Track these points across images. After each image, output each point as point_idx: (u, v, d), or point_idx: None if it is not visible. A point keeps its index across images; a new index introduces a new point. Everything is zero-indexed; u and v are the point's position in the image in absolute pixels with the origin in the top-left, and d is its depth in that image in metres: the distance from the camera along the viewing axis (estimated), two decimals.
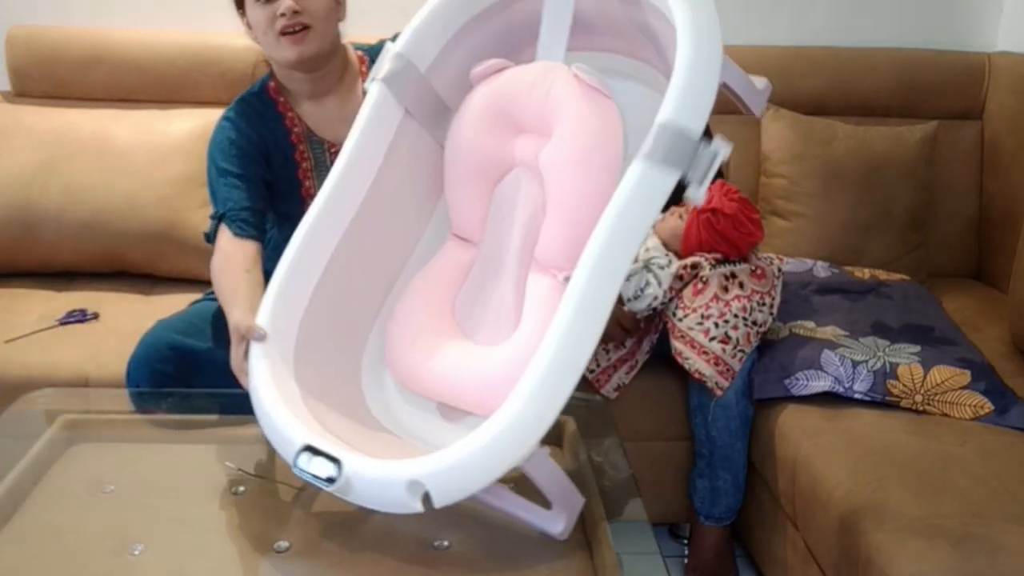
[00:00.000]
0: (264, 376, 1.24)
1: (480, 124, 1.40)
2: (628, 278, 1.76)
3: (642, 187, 1.13)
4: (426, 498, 1.08)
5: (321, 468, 1.11)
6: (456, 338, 1.37)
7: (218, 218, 1.60)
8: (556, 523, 1.19)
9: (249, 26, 1.65)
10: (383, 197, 1.40)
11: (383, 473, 1.10)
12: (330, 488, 1.11)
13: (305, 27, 1.58)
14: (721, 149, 1.14)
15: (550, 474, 1.16)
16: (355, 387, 1.39)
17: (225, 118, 1.69)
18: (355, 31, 1.75)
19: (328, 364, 1.35)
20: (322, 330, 1.34)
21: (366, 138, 1.38)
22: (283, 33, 1.58)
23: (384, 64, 1.40)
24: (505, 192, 1.41)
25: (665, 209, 1.86)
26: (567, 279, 1.21)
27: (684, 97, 1.13)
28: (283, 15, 1.56)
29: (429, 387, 1.34)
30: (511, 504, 1.20)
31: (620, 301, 1.78)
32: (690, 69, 1.14)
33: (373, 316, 1.43)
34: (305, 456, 1.13)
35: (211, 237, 1.62)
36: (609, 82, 1.34)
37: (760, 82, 1.26)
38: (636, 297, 1.77)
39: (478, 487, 1.09)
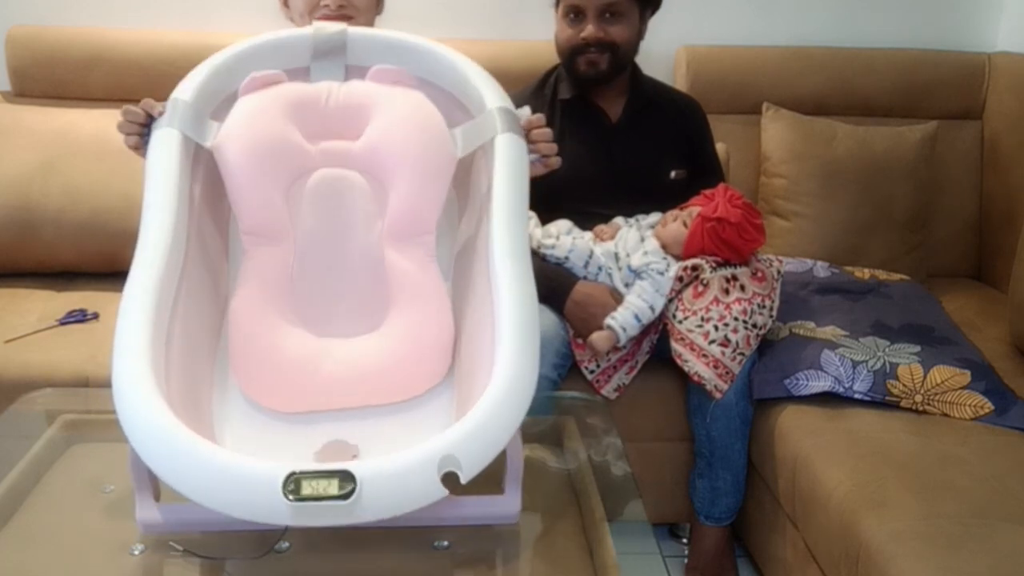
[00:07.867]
0: (181, 430, 1.03)
1: (265, 119, 1.31)
2: (611, 322, 1.77)
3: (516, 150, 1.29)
4: (449, 478, 1.00)
5: (325, 488, 0.94)
6: (318, 341, 1.25)
7: None
8: (511, 505, 1.18)
9: (286, 4, 1.71)
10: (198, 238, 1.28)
11: (409, 462, 0.98)
12: (340, 516, 0.94)
13: (347, 18, 1.62)
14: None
15: (518, 445, 1.14)
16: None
17: None
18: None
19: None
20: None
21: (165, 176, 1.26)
22: (323, 19, 1.59)
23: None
24: (318, 189, 1.33)
25: (665, 210, 1.90)
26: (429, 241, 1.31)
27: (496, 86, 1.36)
28: (327, 5, 1.60)
29: (319, 397, 1.22)
30: (465, 506, 1.16)
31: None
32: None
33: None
34: (295, 484, 0.94)
35: None
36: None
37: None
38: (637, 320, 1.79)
39: (500, 447, 1.04)
